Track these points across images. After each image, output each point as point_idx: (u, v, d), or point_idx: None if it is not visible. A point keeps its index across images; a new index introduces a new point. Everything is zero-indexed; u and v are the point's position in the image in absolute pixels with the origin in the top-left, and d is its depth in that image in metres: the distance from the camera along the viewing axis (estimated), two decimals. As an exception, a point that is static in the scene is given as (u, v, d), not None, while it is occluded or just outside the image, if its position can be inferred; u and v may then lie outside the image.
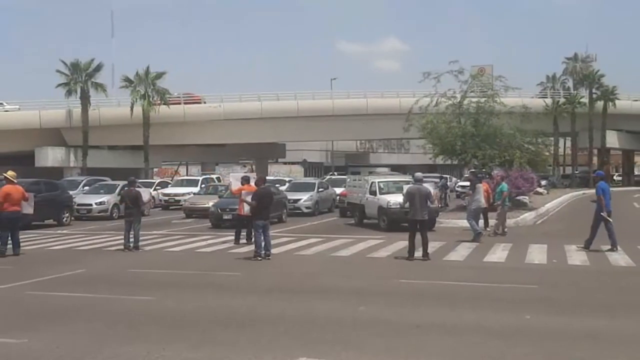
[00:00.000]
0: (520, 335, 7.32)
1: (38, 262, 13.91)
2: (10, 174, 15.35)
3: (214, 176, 43.01)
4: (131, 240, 15.64)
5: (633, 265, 12.80)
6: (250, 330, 7.58)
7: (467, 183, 26.01)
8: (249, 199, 14.89)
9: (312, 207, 27.27)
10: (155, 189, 33.36)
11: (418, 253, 13.58)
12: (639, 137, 63.55)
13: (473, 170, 25.45)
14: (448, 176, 45.62)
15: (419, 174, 15.37)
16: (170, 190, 34.45)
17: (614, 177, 70.97)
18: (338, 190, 29.13)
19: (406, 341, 7.10)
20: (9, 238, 14.75)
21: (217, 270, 12.64)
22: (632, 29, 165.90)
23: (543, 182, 39.30)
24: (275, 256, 14.20)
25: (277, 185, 28.53)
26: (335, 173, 55.62)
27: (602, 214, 14.60)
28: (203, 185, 33.37)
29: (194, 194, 30.79)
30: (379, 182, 22.24)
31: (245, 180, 17.00)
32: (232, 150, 59.19)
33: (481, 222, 18.44)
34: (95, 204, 26.36)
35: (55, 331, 7.67)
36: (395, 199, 19.41)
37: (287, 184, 32.23)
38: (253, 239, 14.50)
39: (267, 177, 25.27)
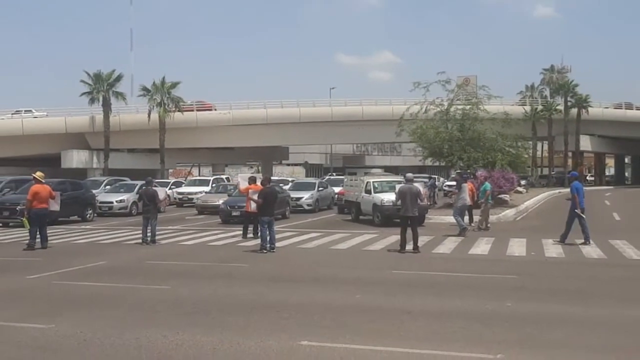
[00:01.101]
0: (501, 321, 7.32)
1: (64, 254, 13.91)
2: (38, 174, 15.37)
3: (223, 176, 43.06)
4: (148, 234, 15.65)
5: (604, 257, 12.81)
6: (257, 316, 7.58)
7: (454, 183, 25.96)
8: (255, 197, 14.91)
9: (312, 205, 27.26)
10: (170, 188, 33.37)
11: (409, 246, 13.58)
12: (609, 141, 63.65)
13: (459, 171, 25.43)
14: (436, 176, 45.49)
15: (409, 175, 15.37)
16: (184, 189, 34.46)
17: (587, 178, 70.96)
18: (336, 189, 29.15)
19: (398, 326, 7.10)
20: (38, 233, 14.77)
21: (227, 261, 12.64)
22: (603, 42, 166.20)
23: (522, 182, 39.24)
24: (280, 249, 14.21)
25: (281, 184, 28.58)
26: (334, 173, 55.66)
27: (576, 210, 14.61)
28: (214, 185, 33.38)
29: (206, 192, 30.78)
30: (373, 181, 22.24)
31: (252, 180, 17.01)
32: (240, 153, 59.19)
33: (466, 218, 18.42)
34: (116, 201, 26.37)
35: (80, 317, 7.67)
36: (389, 197, 19.43)
37: (290, 184, 32.24)
38: (259, 234, 14.50)
39: (272, 177, 25.27)
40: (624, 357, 5.89)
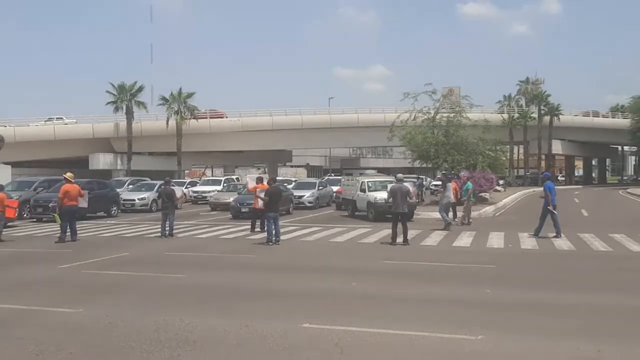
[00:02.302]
0: (482, 306, 7.31)
1: (91, 246, 13.89)
2: (68, 175, 15.37)
3: (233, 177, 42.97)
4: (167, 228, 15.64)
5: (574, 249, 12.79)
6: (264, 302, 7.57)
7: (440, 182, 26.00)
8: (262, 195, 14.90)
9: (313, 202, 27.24)
10: (186, 187, 33.37)
11: (399, 239, 13.57)
12: (578, 145, 63.72)
13: (444, 172, 25.39)
14: (424, 177, 45.50)
15: (400, 175, 15.39)
16: (198, 188, 34.43)
17: (558, 178, 70.95)
18: (335, 188, 29.09)
19: (390, 310, 7.09)
20: (68, 227, 14.76)
21: (237, 253, 12.63)
22: (573, 57, 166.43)
23: (501, 182, 39.18)
24: (284, 242, 14.20)
25: (285, 184, 28.54)
26: (332, 174, 55.61)
27: (548, 207, 14.59)
28: (225, 184, 33.34)
29: (218, 191, 30.76)
30: (367, 181, 22.21)
31: (259, 180, 17.00)
32: (248, 156, 59.24)
33: (451, 214, 18.41)
34: (138, 199, 26.33)
35: (105, 303, 7.66)
36: (381, 195, 19.40)
37: (293, 183, 32.19)
38: (266, 228, 14.49)
39: (277, 178, 25.22)
40: (593, 338, 5.88)
